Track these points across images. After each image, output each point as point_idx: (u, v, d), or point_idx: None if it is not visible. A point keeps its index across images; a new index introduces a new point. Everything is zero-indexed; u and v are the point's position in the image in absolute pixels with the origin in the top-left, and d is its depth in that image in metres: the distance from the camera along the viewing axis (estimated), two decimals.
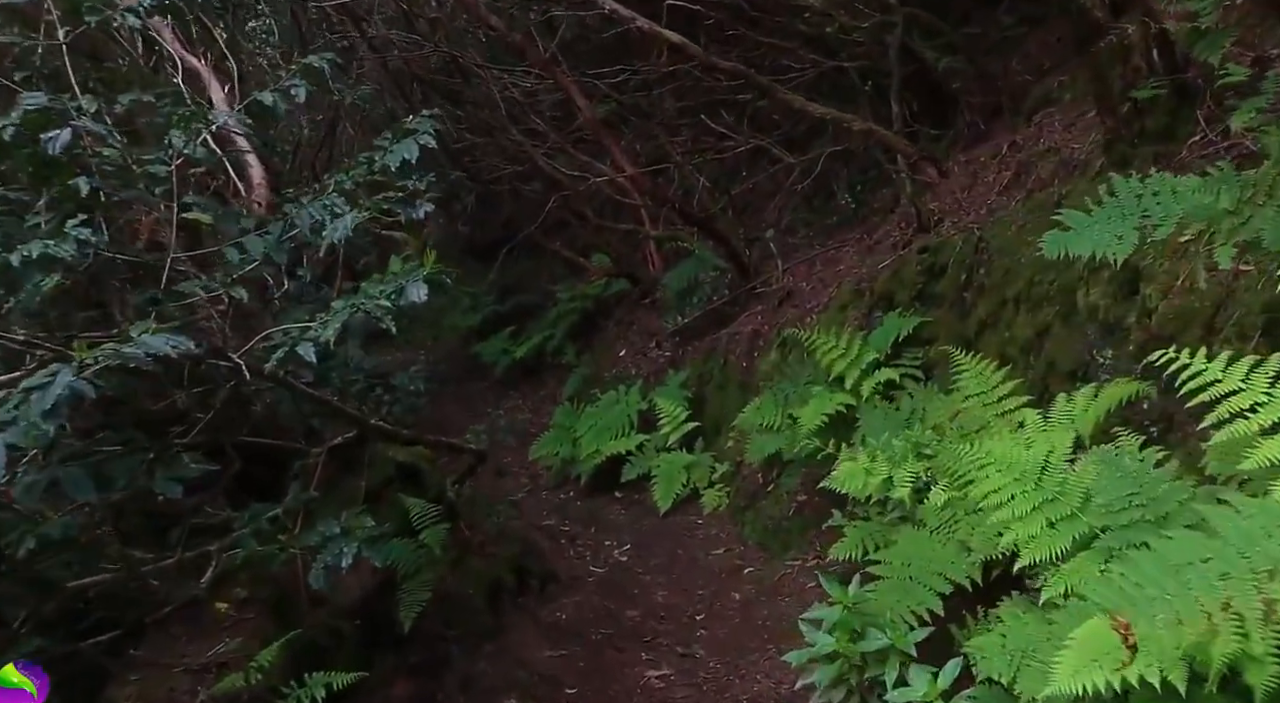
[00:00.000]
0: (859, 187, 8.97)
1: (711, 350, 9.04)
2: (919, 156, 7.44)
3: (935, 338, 6.23)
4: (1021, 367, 5.33)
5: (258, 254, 3.93)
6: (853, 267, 7.82)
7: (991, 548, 4.15)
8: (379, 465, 5.00)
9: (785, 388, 7.01)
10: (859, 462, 5.04)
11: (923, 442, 5.00)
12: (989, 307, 5.74)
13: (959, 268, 6.06)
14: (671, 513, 8.12)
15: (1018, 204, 6.05)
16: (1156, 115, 5.10)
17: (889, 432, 5.32)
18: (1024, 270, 5.46)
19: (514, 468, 10.45)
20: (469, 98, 10.76)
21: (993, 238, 5.92)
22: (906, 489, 4.72)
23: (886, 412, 5.86)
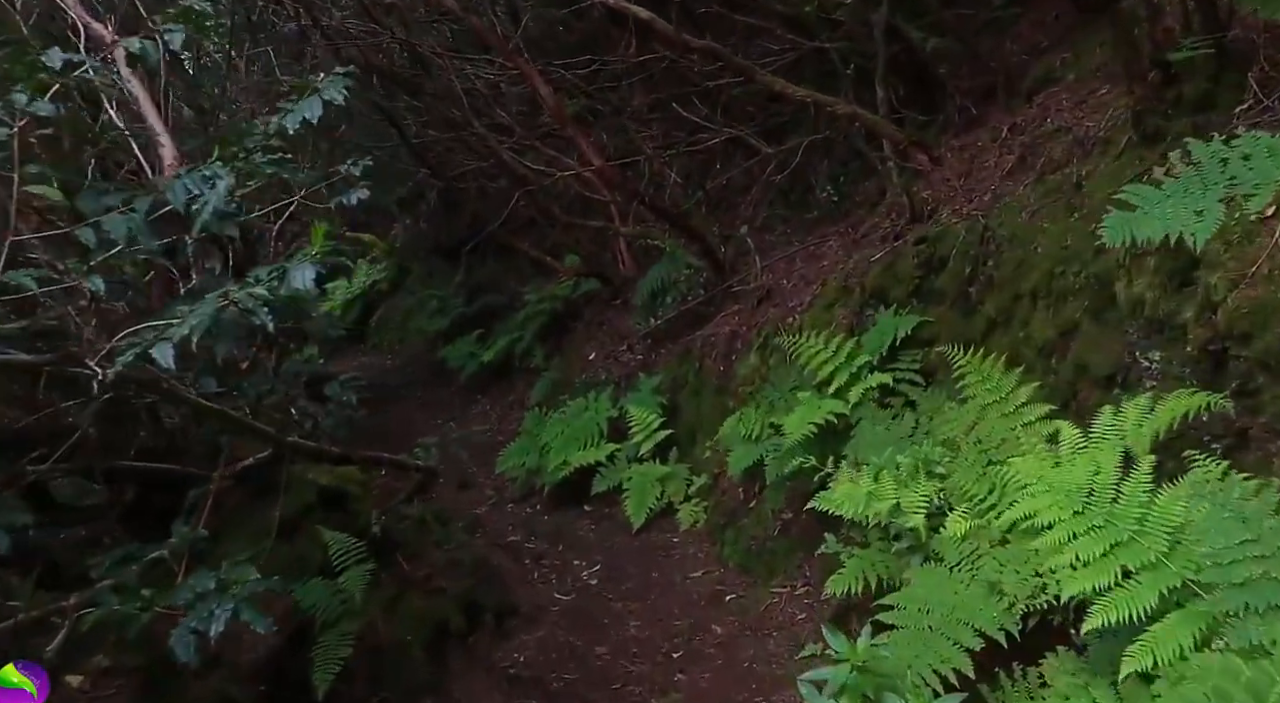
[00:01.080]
0: (841, 178, 8.10)
1: (686, 353, 8.14)
2: (908, 142, 6.58)
3: (935, 338, 5.36)
4: (1040, 371, 4.47)
5: (119, 235, 2.96)
6: (837, 262, 6.94)
7: (1033, 593, 3.28)
8: (297, 491, 4.05)
9: (769, 394, 6.13)
10: (860, 483, 4.15)
11: (933, 459, 4.12)
12: (999, 303, 4.88)
13: (962, 260, 5.20)
14: (645, 530, 7.21)
15: (1026, 189, 5.20)
16: (1195, 81, 4.26)
17: (892, 447, 4.43)
18: (1041, 261, 4.60)
19: (480, 478, 9.49)
20: (430, 90, 9.79)
21: (1000, 226, 5.06)
22: (919, 518, 3.84)
23: (885, 423, 4.97)
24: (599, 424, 8.04)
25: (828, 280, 6.74)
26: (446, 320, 12.67)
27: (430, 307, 13.15)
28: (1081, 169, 4.79)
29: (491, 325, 12.09)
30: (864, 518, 4.20)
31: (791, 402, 5.88)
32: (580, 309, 10.92)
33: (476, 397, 11.83)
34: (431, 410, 11.99)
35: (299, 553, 3.88)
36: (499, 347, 11.34)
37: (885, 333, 5.51)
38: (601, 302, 10.54)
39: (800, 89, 6.75)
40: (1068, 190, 4.77)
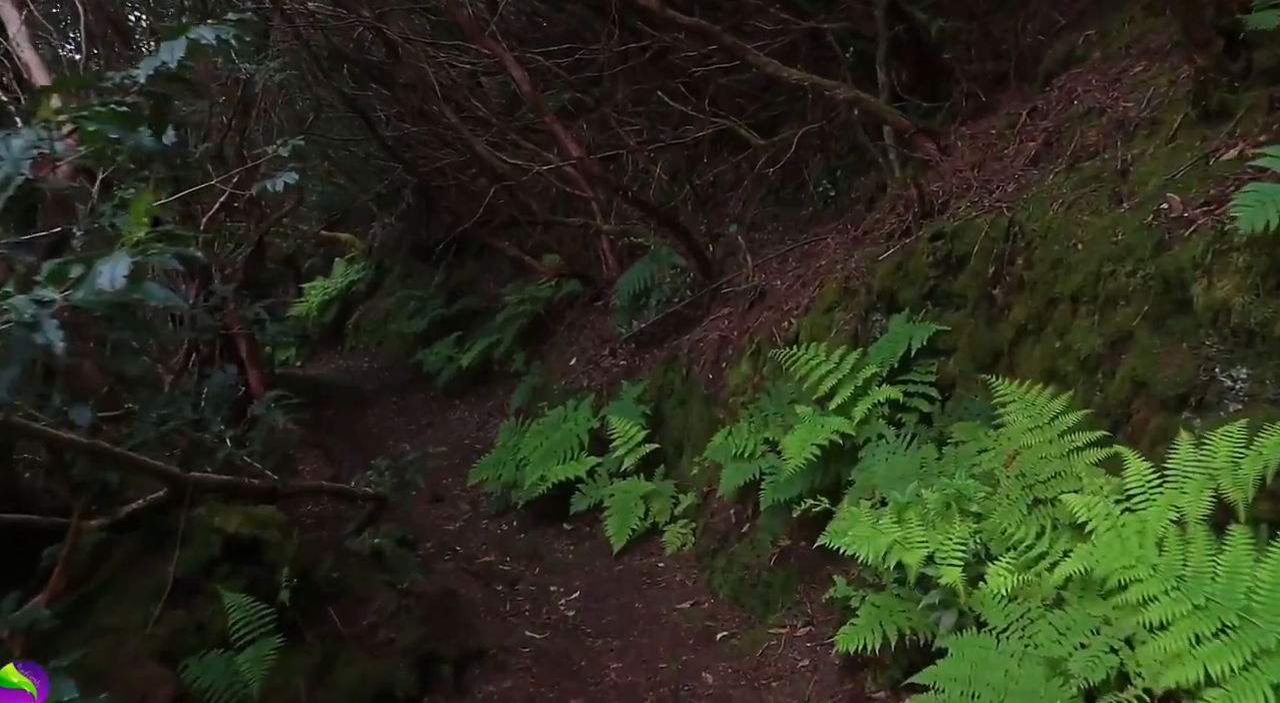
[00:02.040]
0: (838, 172, 7.33)
1: (672, 359, 7.35)
2: (916, 130, 5.81)
3: (954, 348, 4.60)
4: (1083, 388, 3.71)
5: None
6: (836, 261, 6.16)
7: (1108, 677, 2.50)
8: (200, 540, 3.24)
9: (764, 407, 5.35)
10: (882, 526, 3.37)
11: (966, 494, 3.34)
12: (1031, 307, 4.11)
13: (985, 259, 4.42)
14: (627, 552, 6.43)
15: (1057, 177, 4.43)
16: (1270, 47, 3.49)
17: (915, 480, 3.66)
18: (1082, 259, 3.83)
19: (454, 490, 8.71)
20: (403, 80, 8.96)
21: (1029, 220, 4.29)
22: (956, 573, 3.06)
23: (901, 448, 4.20)
24: (579, 436, 7.24)
25: (826, 282, 5.97)
26: (425, 322, 11.87)
27: (408, 308, 12.34)
28: (1126, 153, 4.02)
29: (471, 327, 11.29)
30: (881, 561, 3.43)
31: (789, 418, 5.11)
32: (562, 311, 10.13)
33: (455, 402, 11.03)
34: (409, 416, 11.18)
35: (198, 619, 3.09)
36: (477, 350, 10.55)
37: (896, 342, 4.73)
38: (583, 303, 9.75)
39: (796, 72, 5.96)
40: (1110, 177, 4.01)
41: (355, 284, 13.82)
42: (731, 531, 5.77)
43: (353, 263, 14.07)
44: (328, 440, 10.04)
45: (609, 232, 8.65)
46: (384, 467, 4.66)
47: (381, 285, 13.64)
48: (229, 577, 3.20)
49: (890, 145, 6.34)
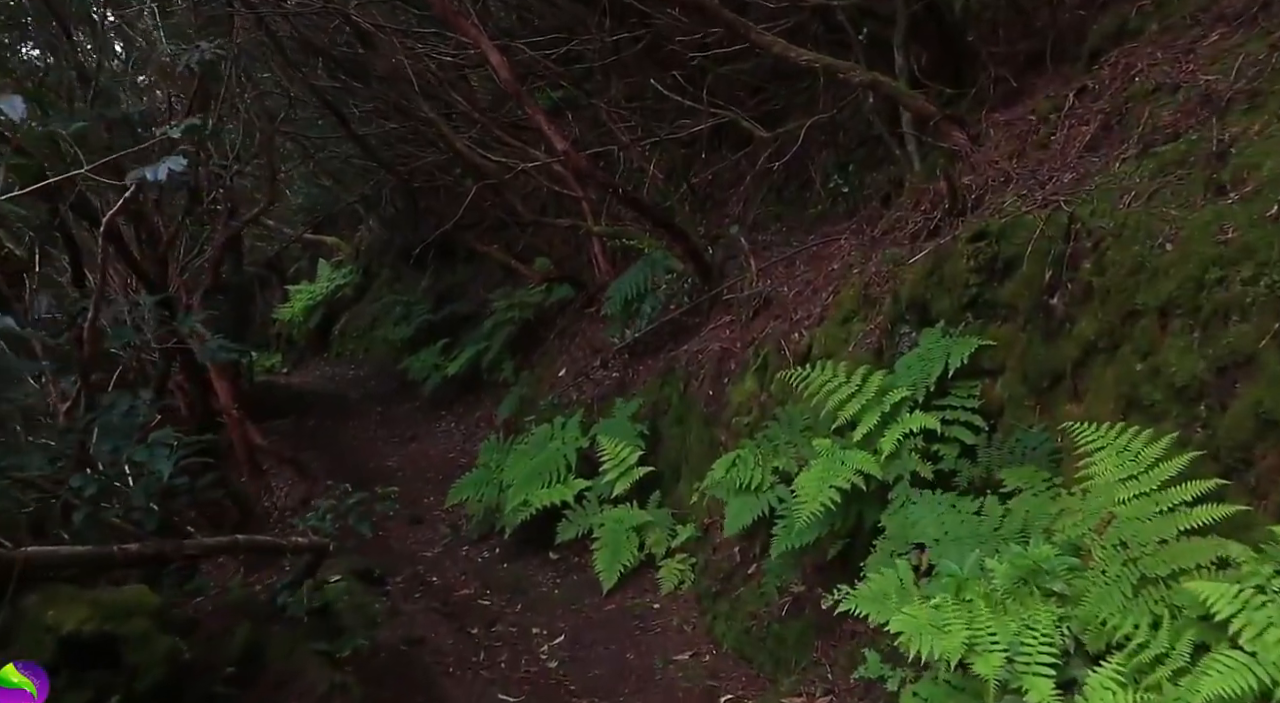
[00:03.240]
0: (850, 166, 6.48)
1: (668, 372, 6.51)
2: (942, 117, 4.96)
3: (1001, 368, 3.75)
4: (1179, 422, 2.87)
5: None
6: (851, 265, 5.32)
7: None
8: (25, 641, 2.37)
9: (774, 435, 4.50)
10: (940, 607, 2.52)
11: (1046, 568, 2.50)
12: (1102, 320, 3.26)
13: (1040, 262, 3.58)
14: (619, 589, 5.59)
15: (1126, 165, 3.59)
16: None
17: (977, 547, 2.81)
18: (1173, 262, 2.99)
19: (435, 510, 7.87)
20: (379, 72, 8.10)
21: (1094, 215, 3.45)
22: (1045, 687, 2.21)
23: (950, 502, 3.35)
24: (566, 456, 6.39)
25: (842, 288, 5.13)
26: (411, 328, 11.03)
27: (395, 313, 11.49)
28: (1221, 133, 3.18)
29: (459, 334, 10.46)
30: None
31: (803, 448, 4.26)
32: (552, 318, 9.29)
33: (441, 412, 10.19)
34: (392, 427, 10.34)
35: None
36: (465, 358, 9.72)
37: (930, 359, 3.89)
38: (575, 309, 8.91)
39: (805, 52, 5.12)
40: (1201, 162, 3.17)
41: (341, 289, 12.96)
42: (736, 571, 4.93)
43: (339, 267, 13.22)
44: (304, 455, 9.19)
45: (601, 233, 7.82)
46: (325, 510, 3.82)
47: (368, 290, 12.79)
48: (68, 691, 2.35)
49: (910, 133, 5.50)
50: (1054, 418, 3.48)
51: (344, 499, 3.90)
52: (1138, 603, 2.35)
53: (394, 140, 9.33)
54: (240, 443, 8.79)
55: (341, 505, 3.85)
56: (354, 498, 3.90)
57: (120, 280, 7.55)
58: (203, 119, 7.61)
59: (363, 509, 3.84)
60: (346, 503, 3.85)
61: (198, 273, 8.76)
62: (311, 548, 3.65)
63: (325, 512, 3.81)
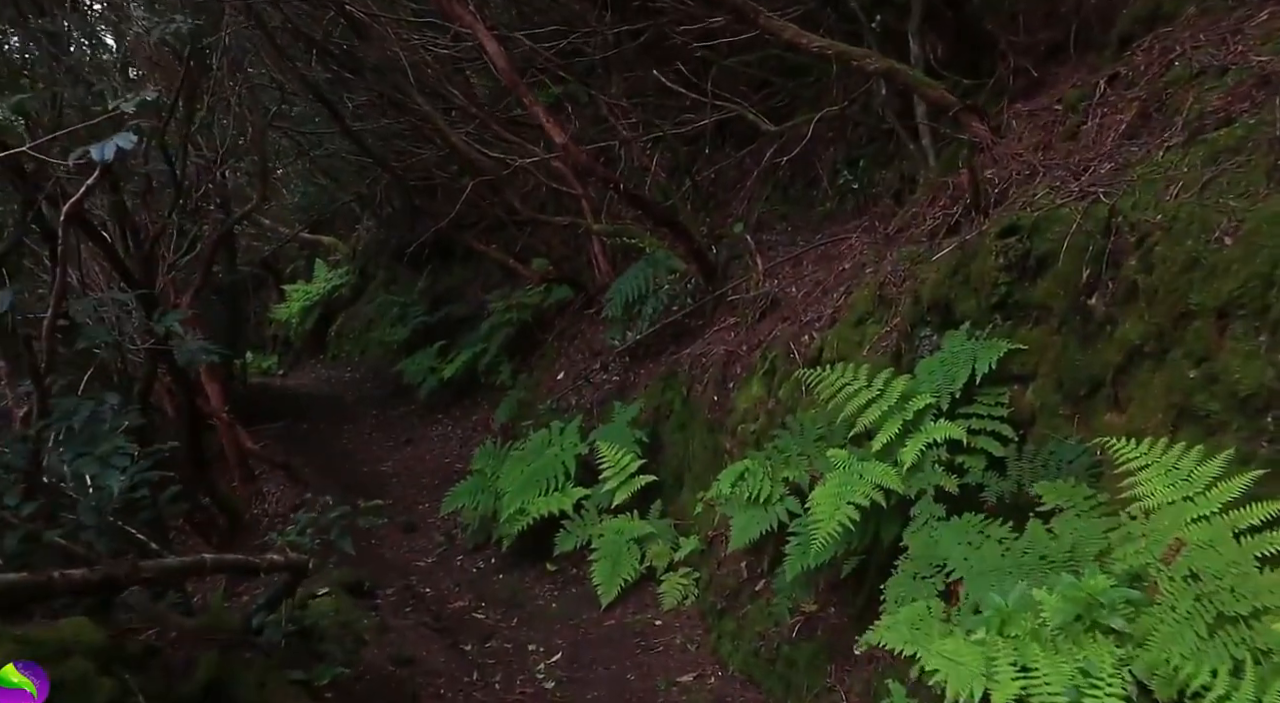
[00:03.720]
0: (861, 161, 6.15)
1: (670, 376, 6.19)
2: (961, 107, 4.64)
3: (1033, 373, 3.43)
4: (1243, 438, 2.55)
5: None
6: (865, 264, 5.01)
7: None
8: None
9: (784, 444, 4.18)
10: (983, 643, 2.19)
11: (1104, 601, 2.17)
12: (1149, 322, 2.94)
13: (1078, 258, 3.26)
14: (619, 604, 5.27)
15: (1172, 153, 3.27)
16: None
17: (1023, 579, 2.49)
18: (1238, 259, 2.67)
19: (428, 518, 7.54)
20: (372, 63, 7.77)
21: (1137, 207, 3.13)
22: None
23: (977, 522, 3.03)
24: (565, 463, 6.07)
25: (854, 288, 4.81)
26: (407, 330, 10.70)
27: (391, 315, 11.16)
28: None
29: (455, 336, 10.13)
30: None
31: (817, 459, 3.94)
32: (551, 319, 8.96)
33: (438, 416, 9.86)
34: (388, 431, 10.02)
35: None
36: (461, 361, 9.39)
37: (955, 364, 3.57)
38: (574, 311, 8.59)
39: (817, 39, 4.80)
40: (1263, 148, 2.86)
41: (338, 289, 12.63)
42: (743, 587, 4.60)
43: (336, 267, 12.89)
44: (297, 460, 8.86)
45: (601, 232, 7.50)
46: (305, 524, 3.50)
47: (365, 291, 12.46)
48: None
49: (926, 125, 5.19)
50: (1092, 429, 3.16)
51: (325, 513, 3.57)
52: (1214, 645, 2.03)
53: (389, 136, 9.00)
54: (231, 447, 8.47)
55: (322, 519, 3.53)
56: (335, 512, 3.57)
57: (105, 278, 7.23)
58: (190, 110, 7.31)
59: (345, 524, 3.52)
60: (327, 517, 3.52)
61: (188, 271, 8.43)
62: (289, 566, 3.33)
63: (305, 526, 3.49)
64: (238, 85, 7.65)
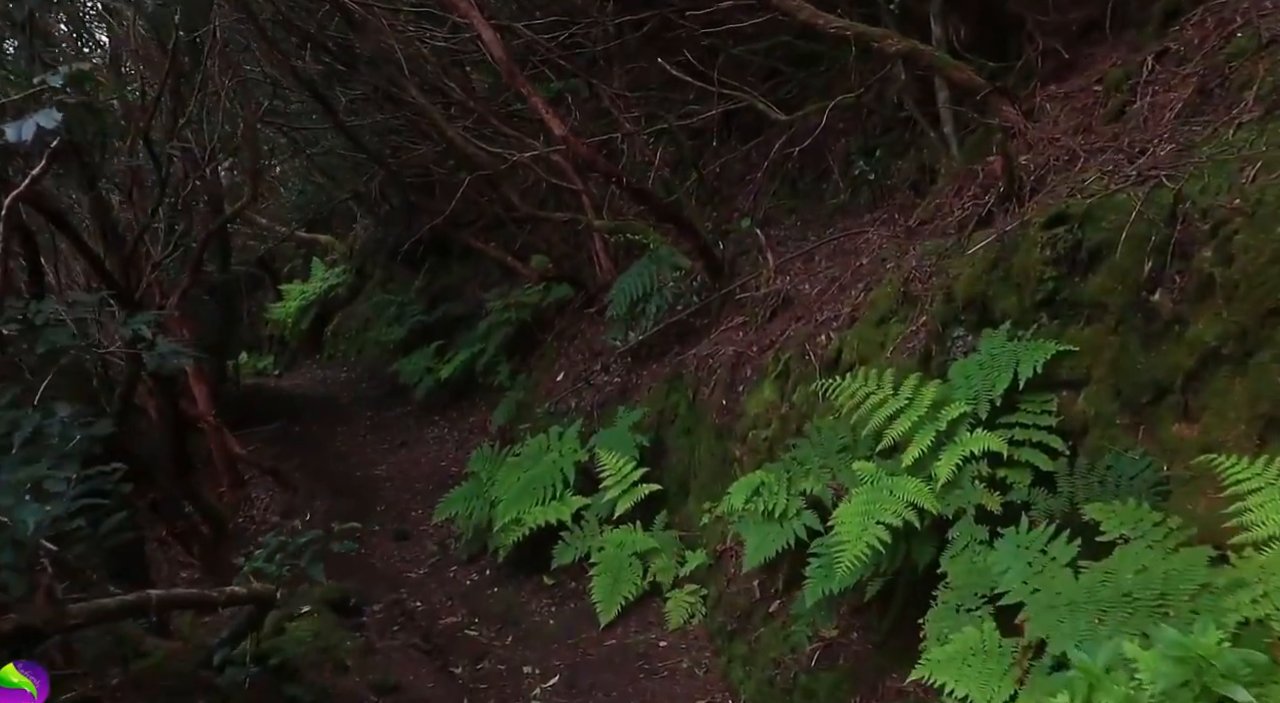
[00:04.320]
0: (877, 151, 5.73)
1: (675, 378, 5.78)
2: (991, 90, 4.23)
3: (1085, 378, 3.01)
4: None
5: None
6: (885, 259, 4.60)
7: None
8: None
9: (803, 454, 3.77)
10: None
11: (1220, 666, 1.75)
12: (1228, 321, 2.54)
13: (1137, 250, 2.85)
14: (620, 622, 4.85)
15: (1244, 131, 2.87)
16: None
17: (1096, 612, 2.07)
18: None
19: (422, 525, 7.13)
20: (366, 55, 7.35)
21: (1206, 191, 2.72)
22: None
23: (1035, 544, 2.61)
24: (563, 470, 5.66)
25: (874, 285, 4.40)
26: (404, 330, 10.29)
27: (388, 314, 10.75)
28: None
29: (453, 336, 9.72)
30: None
31: (841, 472, 3.53)
32: (550, 319, 8.54)
33: (434, 418, 9.45)
34: (383, 433, 9.60)
35: None
36: (458, 362, 8.97)
37: (995, 368, 3.16)
38: (574, 310, 8.17)
39: (835, 19, 4.39)
40: None
41: (334, 288, 12.21)
42: (755, 607, 4.19)
43: (333, 266, 12.47)
44: (288, 464, 8.46)
45: (602, 228, 7.08)
46: (273, 550, 3.08)
47: (362, 290, 12.05)
48: None
49: (949, 109, 4.78)
50: (1158, 440, 2.75)
51: (295, 537, 3.16)
52: None
53: (385, 132, 8.59)
54: (219, 452, 8.06)
55: (292, 544, 3.12)
56: (305, 537, 3.16)
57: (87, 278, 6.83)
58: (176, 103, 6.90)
59: (316, 549, 3.11)
60: (297, 542, 3.11)
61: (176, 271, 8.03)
62: (253, 598, 2.92)
63: (273, 551, 3.08)
64: (227, 78, 7.24)
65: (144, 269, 7.18)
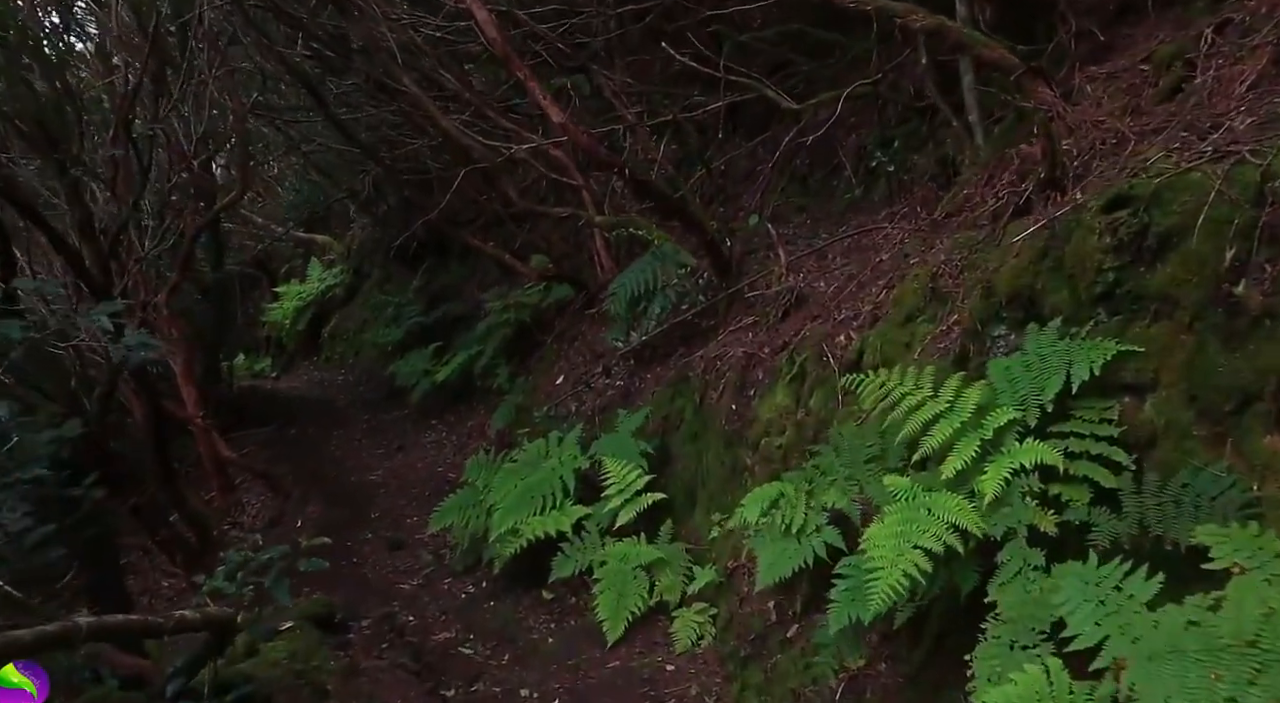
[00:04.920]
0: (895, 142, 5.33)
1: (681, 381, 5.38)
2: (1026, 70, 3.83)
3: (1153, 382, 2.61)
4: None
5: None
6: (908, 254, 4.20)
7: None
8: None
9: (829, 466, 3.36)
10: None
11: None
12: None
13: (1215, 235, 2.45)
14: (625, 641, 4.44)
15: None
16: None
17: (1209, 662, 1.66)
18: None
19: (416, 533, 6.72)
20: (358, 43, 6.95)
21: None
22: None
23: (1111, 576, 2.20)
24: (563, 478, 5.24)
25: (897, 281, 4.00)
26: (401, 331, 9.88)
27: (385, 315, 10.34)
28: None
29: (451, 337, 9.32)
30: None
31: (870, 485, 3.13)
32: (550, 320, 8.14)
33: (432, 421, 9.04)
34: (379, 437, 9.19)
35: None
36: (456, 364, 8.56)
37: (1044, 370, 2.76)
38: (574, 311, 7.77)
39: None
40: None
41: (332, 289, 11.80)
42: (770, 631, 3.78)
43: (330, 266, 12.07)
44: (281, 468, 8.06)
45: (603, 224, 6.68)
46: (233, 568, 2.67)
47: (360, 290, 11.64)
48: None
49: (977, 89, 4.38)
50: (1244, 455, 2.35)
51: (259, 554, 2.76)
52: None
53: (379, 126, 8.19)
54: (208, 455, 7.67)
55: (255, 561, 2.72)
56: (269, 553, 2.76)
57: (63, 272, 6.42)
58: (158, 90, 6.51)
59: (283, 567, 2.71)
60: (260, 559, 2.71)
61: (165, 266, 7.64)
62: (209, 623, 2.52)
63: (234, 570, 2.68)
64: (215, 67, 6.84)
65: (126, 264, 6.79)
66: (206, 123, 6.95)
